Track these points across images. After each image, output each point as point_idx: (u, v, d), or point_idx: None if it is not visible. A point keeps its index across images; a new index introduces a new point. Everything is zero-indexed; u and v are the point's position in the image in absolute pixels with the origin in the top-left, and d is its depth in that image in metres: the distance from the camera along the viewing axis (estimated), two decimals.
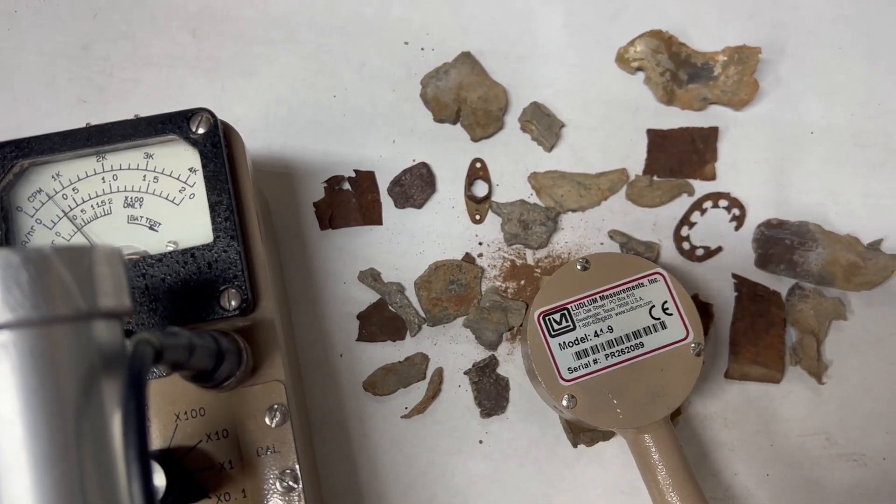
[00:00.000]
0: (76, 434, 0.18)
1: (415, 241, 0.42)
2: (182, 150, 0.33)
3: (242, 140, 0.34)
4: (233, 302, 0.31)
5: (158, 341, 0.21)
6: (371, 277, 0.41)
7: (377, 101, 0.44)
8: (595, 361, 0.36)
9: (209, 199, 0.32)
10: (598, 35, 0.45)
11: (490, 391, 0.40)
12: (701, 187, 0.43)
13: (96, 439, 0.19)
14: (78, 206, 0.32)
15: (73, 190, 0.32)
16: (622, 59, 0.44)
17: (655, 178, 0.43)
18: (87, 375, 0.19)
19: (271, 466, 0.31)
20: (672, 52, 0.43)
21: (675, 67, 0.43)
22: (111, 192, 0.33)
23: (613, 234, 0.42)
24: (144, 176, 0.33)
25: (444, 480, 0.40)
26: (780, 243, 0.42)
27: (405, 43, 0.45)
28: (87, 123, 0.33)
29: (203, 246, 0.31)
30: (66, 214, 0.32)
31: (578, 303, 0.37)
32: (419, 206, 0.43)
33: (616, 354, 0.36)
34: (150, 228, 0.32)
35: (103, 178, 0.33)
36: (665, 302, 0.37)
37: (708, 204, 0.43)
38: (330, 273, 0.42)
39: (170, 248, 0.32)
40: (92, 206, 0.32)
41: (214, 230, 0.31)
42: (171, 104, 0.43)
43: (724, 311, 0.42)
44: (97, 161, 0.33)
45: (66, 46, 0.44)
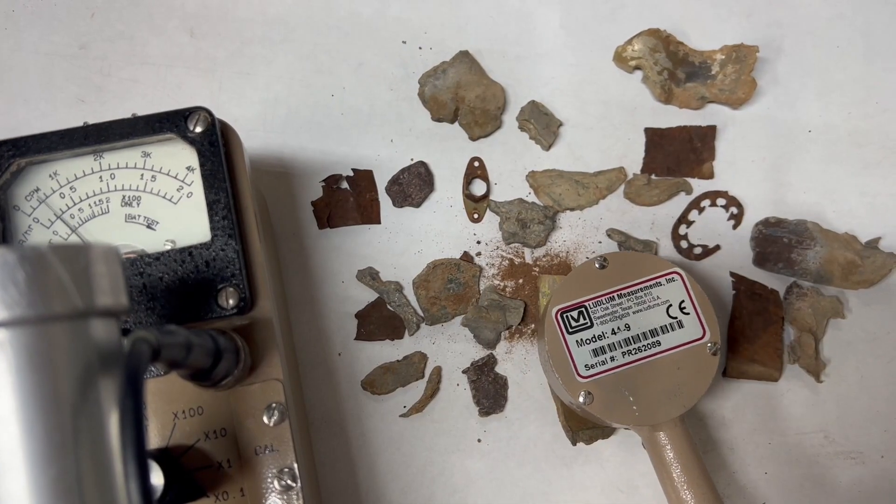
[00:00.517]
0: (73, 433, 0.18)
1: (413, 240, 0.42)
2: (180, 148, 0.33)
3: (240, 139, 0.34)
4: (231, 301, 0.31)
5: (155, 339, 0.21)
6: (369, 276, 0.41)
7: (375, 101, 0.44)
8: (612, 359, 0.36)
9: (207, 198, 0.32)
10: (595, 34, 0.45)
11: (488, 390, 0.40)
12: (699, 186, 0.43)
13: (93, 438, 0.19)
14: (75, 204, 0.32)
15: (71, 189, 0.32)
16: (620, 58, 0.44)
17: (653, 176, 0.43)
18: (83, 374, 0.19)
19: (269, 465, 0.31)
20: (670, 51, 0.43)
21: (673, 66, 0.43)
22: (109, 191, 0.33)
23: (611, 233, 0.42)
24: (142, 175, 0.33)
25: (443, 479, 0.40)
26: (778, 242, 0.42)
27: (403, 42, 0.45)
28: (85, 122, 0.32)
29: (201, 245, 0.31)
30: (59, 217, 0.32)
31: (596, 300, 0.37)
32: (417, 205, 0.43)
33: (633, 352, 0.37)
34: (148, 227, 0.32)
35: (101, 177, 0.33)
36: (682, 301, 0.37)
37: (706, 202, 0.43)
38: (328, 272, 0.42)
39: (167, 247, 0.32)
40: (89, 205, 0.32)
41: (212, 229, 0.31)
42: (168, 104, 0.43)
43: (722, 309, 0.42)
44: (95, 160, 0.33)
45: (63, 46, 0.44)
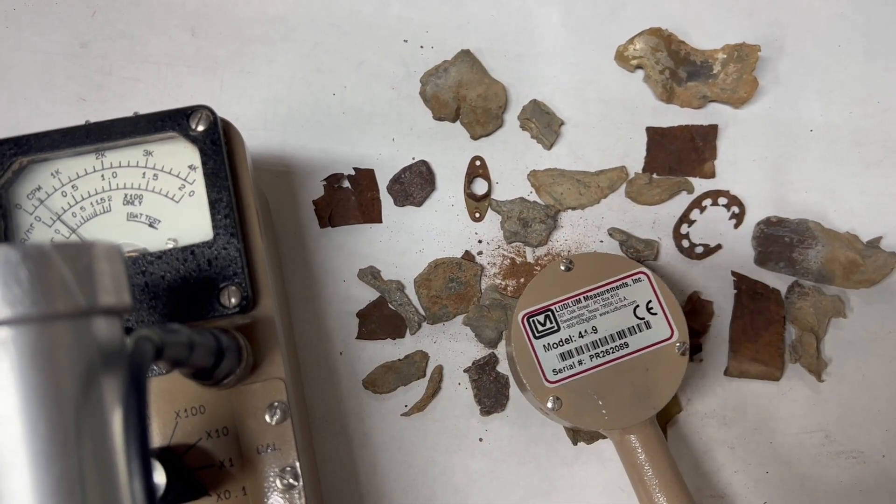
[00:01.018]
0: (76, 431, 0.18)
1: (414, 239, 0.42)
2: (182, 147, 0.33)
3: (242, 137, 0.34)
4: (233, 299, 0.31)
5: (158, 338, 0.21)
6: (371, 275, 0.41)
7: (376, 100, 0.44)
8: (580, 362, 0.36)
9: (209, 197, 0.32)
10: (597, 33, 0.45)
11: (490, 389, 0.40)
12: (700, 185, 0.43)
13: (96, 437, 0.19)
14: (77, 203, 0.32)
15: (73, 187, 0.32)
16: (621, 57, 0.44)
17: (655, 175, 0.43)
18: (86, 372, 0.19)
19: (271, 464, 0.31)
20: (671, 50, 0.43)
21: (675, 65, 0.43)
22: (111, 190, 0.33)
23: (613, 232, 0.42)
24: (144, 173, 0.33)
25: (444, 478, 0.40)
26: (780, 241, 0.42)
27: (404, 41, 0.44)
28: (87, 121, 0.32)
29: (203, 243, 0.31)
30: (58, 217, 0.32)
31: (563, 304, 0.37)
32: (419, 205, 0.42)
33: (601, 355, 0.36)
34: (150, 226, 0.32)
35: (102, 176, 0.33)
36: (649, 301, 0.37)
37: (707, 202, 0.43)
38: (329, 271, 0.42)
39: (169, 246, 0.32)
40: (91, 204, 0.32)
41: (214, 227, 0.31)
42: (169, 103, 0.43)
43: (723, 308, 0.42)
44: (96, 158, 0.33)
45: (64, 45, 0.44)
